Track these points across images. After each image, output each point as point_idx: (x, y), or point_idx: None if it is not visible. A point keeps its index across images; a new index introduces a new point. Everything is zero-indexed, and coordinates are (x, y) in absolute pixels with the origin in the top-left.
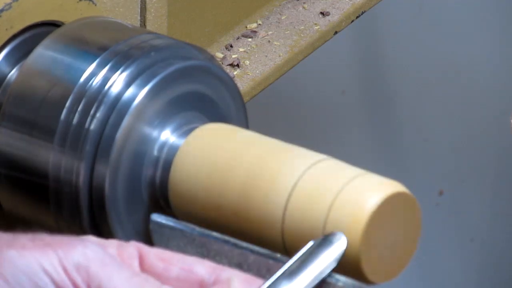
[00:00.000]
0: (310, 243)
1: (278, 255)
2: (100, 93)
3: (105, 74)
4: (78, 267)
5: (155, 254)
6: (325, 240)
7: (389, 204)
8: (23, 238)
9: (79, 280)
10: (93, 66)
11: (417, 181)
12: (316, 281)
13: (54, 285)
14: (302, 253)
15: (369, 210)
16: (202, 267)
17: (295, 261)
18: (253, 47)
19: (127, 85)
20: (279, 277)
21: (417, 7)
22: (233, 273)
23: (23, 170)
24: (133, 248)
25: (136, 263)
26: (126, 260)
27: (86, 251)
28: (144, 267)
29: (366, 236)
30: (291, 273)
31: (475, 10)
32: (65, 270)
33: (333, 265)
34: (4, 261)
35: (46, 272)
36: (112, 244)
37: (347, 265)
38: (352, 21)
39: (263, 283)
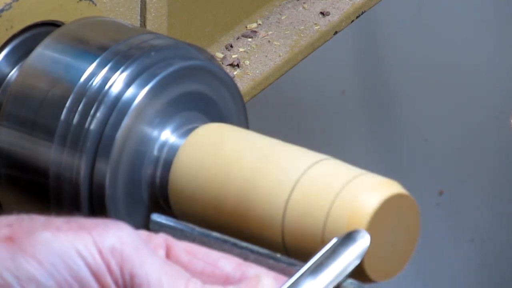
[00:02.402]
0: (334, 240)
1: (278, 255)
2: (100, 93)
3: (105, 74)
4: (112, 249)
5: (182, 247)
6: (348, 237)
7: (389, 205)
8: (58, 221)
9: (113, 263)
10: (93, 66)
11: (417, 181)
12: (340, 278)
13: (88, 268)
14: (326, 249)
15: (369, 211)
16: (227, 263)
17: (319, 257)
18: (253, 47)
19: (127, 85)
20: (303, 273)
21: (417, 7)
22: (260, 270)
23: (23, 170)
24: (161, 238)
25: (162, 253)
26: (153, 250)
27: (121, 234)
28: (170, 258)
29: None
30: (315, 270)
31: (475, 10)
32: (100, 252)
33: (356, 262)
34: (38, 243)
35: (80, 255)
36: (142, 232)
37: None
38: (352, 21)
39: (288, 280)
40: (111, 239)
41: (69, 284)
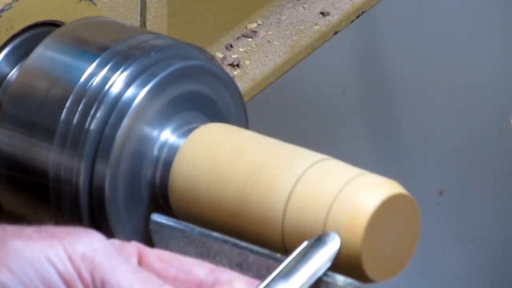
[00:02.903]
0: (304, 244)
1: (278, 255)
2: (100, 93)
3: (105, 74)
4: (83, 256)
5: (154, 254)
6: (319, 240)
7: (388, 205)
8: (29, 230)
9: (84, 270)
10: (93, 66)
11: (417, 181)
12: (312, 281)
13: (59, 275)
14: (296, 253)
15: (369, 211)
16: (200, 269)
17: (290, 261)
18: (253, 47)
19: (127, 85)
20: (274, 277)
21: (417, 7)
22: (233, 274)
23: (23, 170)
24: (133, 247)
25: (135, 261)
26: (125, 257)
27: (92, 242)
28: (142, 266)
29: (367, 236)
30: (287, 273)
31: (475, 10)
32: (71, 259)
33: (328, 264)
34: (9, 252)
35: (51, 263)
36: (114, 241)
37: (348, 264)
38: (352, 21)
39: (260, 283)
40: (81, 247)
41: None
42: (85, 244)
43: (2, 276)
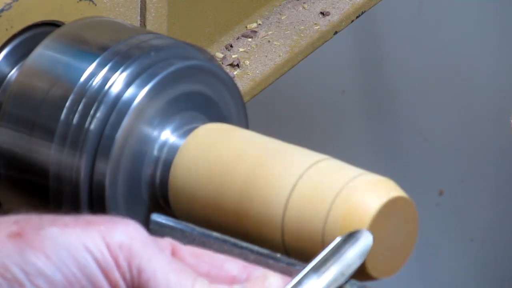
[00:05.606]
0: (337, 239)
1: (278, 255)
2: (100, 93)
3: (105, 74)
4: (121, 244)
5: (187, 250)
6: (351, 236)
7: (388, 207)
8: (66, 218)
9: (121, 258)
10: (93, 66)
11: (417, 181)
12: (344, 277)
13: (96, 263)
14: (329, 248)
15: (370, 211)
16: (233, 265)
17: (323, 256)
18: (253, 47)
19: (127, 85)
20: (307, 272)
21: (417, 7)
22: (266, 270)
23: (23, 170)
24: (167, 242)
25: (168, 254)
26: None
27: (129, 230)
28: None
29: None
30: (319, 269)
31: (475, 10)
32: (108, 247)
33: (359, 261)
34: (46, 238)
35: (88, 250)
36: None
37: None
38: (352, 21)
39: (292, 279)
40: (119, 235)
41: (77, 278)
42: (123, 232)
43: (39, 261)
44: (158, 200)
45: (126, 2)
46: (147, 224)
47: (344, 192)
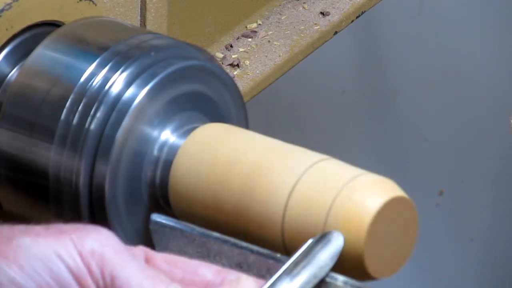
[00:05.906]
0: (309, 242)
1: (278, 255)
2: (100, 93)
3: (105, 74)
4: (93, 252)
5: (161, 257)
6: (323, 238)
7: (388, 207)
8: (37, 227)
9: (93, 265)
10: (93, 66)
11: (417, 181)
12: (317, 279)
13: (69, 270)
14: (301, 251)
15: (370, 211)
16: (207, 270)
17: (295, 259)
18: (253, 47)
19: (127, 85)
20: (280, 276)
21: (417, 7)
22: (240, 274)
23: (23, 170)
24: (140, 250)
25: (142, 261)
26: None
27: (101, 238)
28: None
29: (370, 235)
30: (292, 272)
31: (475, 10)
32: (80, 255)
33: (331, 263)
34: (18, 248)
35: (60, 258)
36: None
37: (350, 263)
38: (352, 21)
39: (266, 281)
40: (91, 242)
41: (50, 287)
42: (94, 240)
43: (12, 272)
44: (158, 200)
45: (126, 2)
46: (147, 224)
47: (344, 192)
